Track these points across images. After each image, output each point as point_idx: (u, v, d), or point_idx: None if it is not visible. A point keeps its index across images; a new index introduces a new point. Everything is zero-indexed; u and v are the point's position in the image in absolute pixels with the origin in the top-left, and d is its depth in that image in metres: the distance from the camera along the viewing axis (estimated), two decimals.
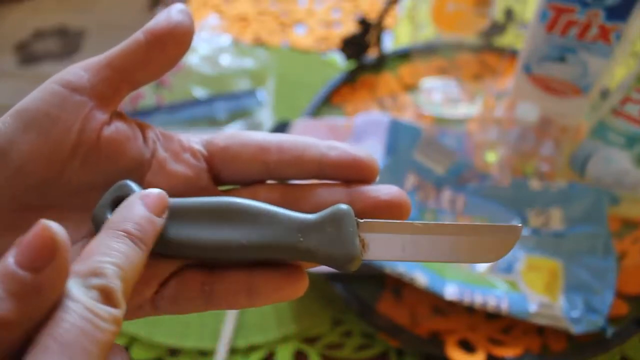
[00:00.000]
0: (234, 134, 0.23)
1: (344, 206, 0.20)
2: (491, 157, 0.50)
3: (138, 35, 0.21)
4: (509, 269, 0.42)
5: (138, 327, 0.42)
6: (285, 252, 0.20)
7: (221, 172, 0.23)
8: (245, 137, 0.22)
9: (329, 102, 0.57)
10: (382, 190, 0.21)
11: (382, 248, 0.20)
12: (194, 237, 0.20)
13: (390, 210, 0.21)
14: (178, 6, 0.21)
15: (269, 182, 0.23)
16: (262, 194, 0.22)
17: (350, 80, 0.59)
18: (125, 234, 0.18)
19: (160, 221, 0.20)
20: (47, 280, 0.15)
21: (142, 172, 0.22)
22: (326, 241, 0.20)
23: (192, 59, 0.60)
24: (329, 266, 0.20)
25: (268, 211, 0.20)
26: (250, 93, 0.57)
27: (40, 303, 0.15)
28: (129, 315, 0.20)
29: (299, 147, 0.22)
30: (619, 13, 0.39)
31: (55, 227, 0.15)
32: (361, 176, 0.22)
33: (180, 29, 0.21)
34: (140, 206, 0.19)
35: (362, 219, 0.20)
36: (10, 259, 0.14)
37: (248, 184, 0.23)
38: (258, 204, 0.20)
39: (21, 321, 0.14)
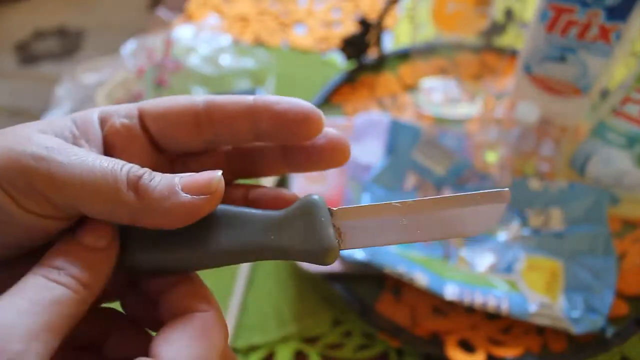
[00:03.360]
0: (161, 99, 0.21)
1: (314, 196, 0.19)
2: (491, 157, 0.50)
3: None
4: (509, 269, 0.42)
5: None
6: (257, 254, 0.19)
7: (159, 140, 0.20)
8: (173, 101, 0.20)
9: (329, 102, 0.57)
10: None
11: (362, 235, 0.19)
12: (156, 257, 0.19)
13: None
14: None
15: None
16: (209, 164, 0.21)
17: (350, 80, 0.59)
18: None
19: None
20: (109, 255, 0.18)
21: None
22: (299, 236, 0.18)
23: (192, 59, 0.60)
24: (306, 262, 0.19)
25: (233, 213, 0.19)
26: (250, 93, 0.57)
27: (105, 272, 0.18)
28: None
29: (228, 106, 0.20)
30: (619, 13, 0.39)
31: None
32: (303, 131, 0.20)
33: None
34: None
35: (335, 207, 0.19)
36: (75, 238, 0.17)
37: (190, 153, 0.21)
38: (220, 208, 0.19)
39: (95, 286, 0.17)
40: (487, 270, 0.43)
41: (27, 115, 1.32)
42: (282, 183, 0.50)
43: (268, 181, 0.50)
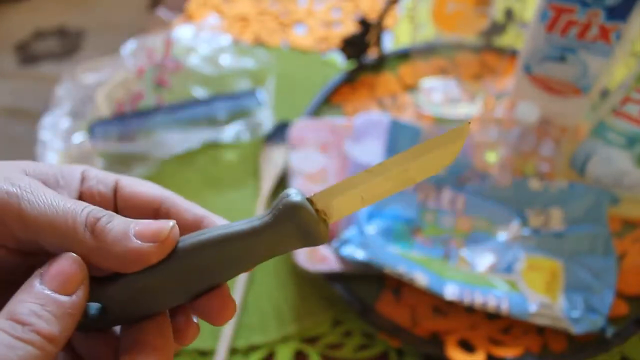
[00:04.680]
0: (137, 182, 0.23)
1: (293, 196, 0.20)
2: (491, 157, 0.50)
3: None
4: (509, 269, 0.42)
5: None
6: (255, 261, 0.20)
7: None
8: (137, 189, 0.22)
9: (329, 102, 0.57)
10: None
11: (343, 208, 0.20)
12: (134, 302, 0.19)
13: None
14: None
15: None
16: None
17: (350, 80, 0.59)
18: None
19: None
20: (78, 302, 0.17)
21: None
22: (288, 234, 0.20)
23: (192, 59, 0.60)
24: (299, 248, 0.20)
25: (219, 236, 0.20)
26: (250, 93, 0.57)
27: (72, 323, 0.17)
28: None
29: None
30: (619, 13, 0.39)
31: (79, 258, 0.18)
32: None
33: None
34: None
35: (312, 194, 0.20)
36: (41, 286, 0.17)
37: None
38: (204, 235, 0.20)
39: (62, 339, 0.16)
40: (487, 270, 0.43)
41: (27, 115, 1.32)
42: (282, 183, 0.50)
43: (266, 187, 0.50)
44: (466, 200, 0.47)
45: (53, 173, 0.21)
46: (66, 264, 0.18)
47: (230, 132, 0.55)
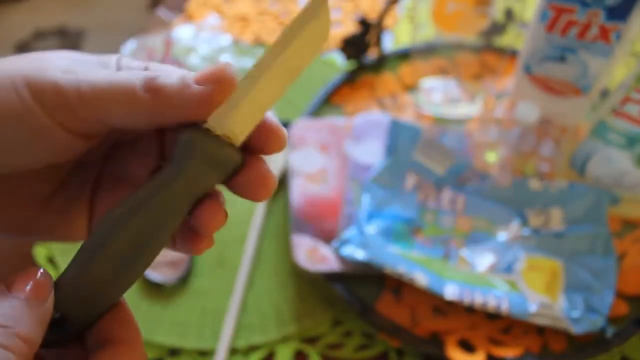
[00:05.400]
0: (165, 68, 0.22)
1: (185, 135, 0.19)
2: (491, 157, 0.50)
3: None
4: (509, 269, 0.42)
5: None
6: (183, 209, 0.19)
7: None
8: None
9: (329, 102, 0.57)
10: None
11: (243, 123, 0.19)
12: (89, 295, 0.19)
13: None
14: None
15: None
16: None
17: (350, 80, 0.59)
18: None
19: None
20: (49, 310, 0.18)
21: None
22: (199, 171, 0.19)
23: (192, 59, 0.60)
24: (225, 181, 0.20)
25: (136, 201, 0.19)
26: None
27: (43, 331, 0.17)
28: None
29: None
30: (619, 13, 0.39)
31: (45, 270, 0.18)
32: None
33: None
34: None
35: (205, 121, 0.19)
36: (20, 294, 0.17)
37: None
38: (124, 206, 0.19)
39: (37, 345, 0.17)
40: (487, 270, 0.43)
41: None
42: (282, 182, 0.50)
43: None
44: (466, 200, 0.47)
45: (94, 60, 0.20)
46: (35, 272, 0.18)
47: None
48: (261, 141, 0.20)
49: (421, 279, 0.39)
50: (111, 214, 0.19)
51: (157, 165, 0.22)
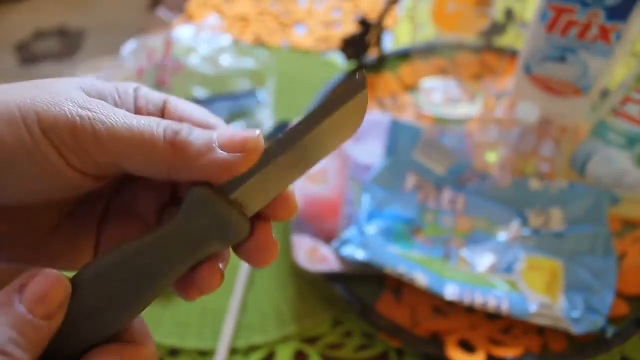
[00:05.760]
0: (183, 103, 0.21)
1: (196, 189, 0.18)
2: (491, 157, 0.50)
3: None
4: (509, 269, 0.42)
5: None
6: (182, 267, 0.18)
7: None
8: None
9: None
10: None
11: (257, 193, 0.18)
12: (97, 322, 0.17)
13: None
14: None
15: None
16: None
17: None
18: None
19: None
20: (55, 326, 0.16)
21: None
22: (202, 228, 0.18)
23: (192, 59, 0.60)
24: (225, 247, 0.19)
25: (129, 251, 0.18)
26: (250, 93, 0.57)
27: (44, 346, 0.16)
28: None
29: None
30: (619, 13, 0.39)
31: (63, 277, 0.16)
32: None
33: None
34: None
35: (218, 185, 0.18)
36: (21, 307, 0.15)
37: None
38: (119, 252, 0.18)
39: None
40: (487, 270, 0.43)
41: None
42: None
43: None
44: (466, 200, 0.47)
45: (110, 91, 0.20)
46: (49, 282, 0.16)
47: None
48: (272, 209, 0.19)
49: (421, 279, 0.39)
50: (104, 260, 0.18)
51: (166, 204, 0.22)
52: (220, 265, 0.19)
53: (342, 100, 0.18)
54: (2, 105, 0.17)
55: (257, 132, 0.18)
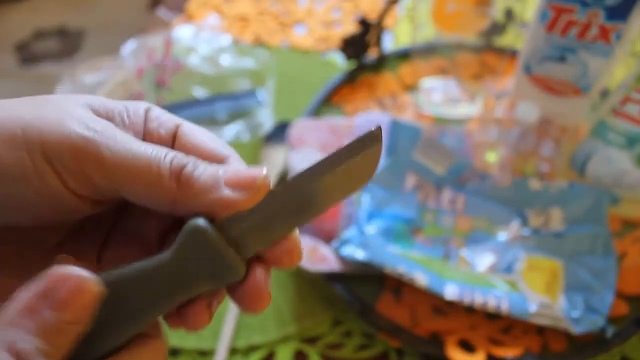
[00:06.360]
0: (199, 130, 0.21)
1: (193, 222, 0.17)
2: (491, 157, 0.50)
3: None
4: (509, 269, 0.42)
5: None
6: (169, 303, 0.17)
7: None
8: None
9: (329, 102, 0.57)
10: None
11: (257, 234, 0.18)
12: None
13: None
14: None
15: None
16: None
17: (350, 80, 0.59)
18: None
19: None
20: (83, 330, 0.16)
21: None
22: (199, 270, 0.17)
23: (192, 59, 0.60)
24: (219, 287, 0.18)
25: (117, 281, 0.17)
26: (250, 93, 0.57)
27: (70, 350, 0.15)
28: None
29: None
30: (619, 13, 0.39)
31: (96, 278, 0.16)
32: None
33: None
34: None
35: (218, 220, 0.18)
36: (51, 312, 0.15)
37: None
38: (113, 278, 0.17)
39: None
40: (487, 270, 0.43)
41: None
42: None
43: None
44: (466, 200, 0.47)
45: (119, 111, 0.19)
46: (80, 282, 0.15)
47: (230, 132, 0.55)
48: (273, 254, 0.19)
49: (421, 279, 0.39)
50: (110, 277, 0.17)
51: (169, 226, 0.21)
52: (214, 304, 0.19)
53: (356, 151, 0.18)
54: (6, 123, 0.16)
55: (265, 171, 0.18)
